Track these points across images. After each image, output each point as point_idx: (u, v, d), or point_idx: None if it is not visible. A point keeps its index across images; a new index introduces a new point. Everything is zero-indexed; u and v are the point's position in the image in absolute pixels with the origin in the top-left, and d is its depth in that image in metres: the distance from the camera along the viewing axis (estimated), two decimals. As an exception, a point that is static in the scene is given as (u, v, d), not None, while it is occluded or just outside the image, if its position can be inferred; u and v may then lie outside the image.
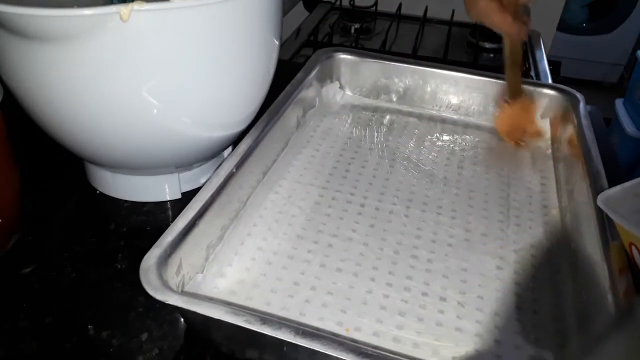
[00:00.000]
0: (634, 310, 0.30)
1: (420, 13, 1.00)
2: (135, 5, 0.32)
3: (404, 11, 1.02)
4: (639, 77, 1.28)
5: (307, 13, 1.07)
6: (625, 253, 0.33)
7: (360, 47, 0.91)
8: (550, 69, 0.83)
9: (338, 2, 1.06)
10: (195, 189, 0.48)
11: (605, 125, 0.62)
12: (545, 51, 0.90)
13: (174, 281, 0.33)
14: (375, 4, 1.02)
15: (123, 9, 0.31)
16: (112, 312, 0.36)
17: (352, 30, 0.96)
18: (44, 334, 0.35)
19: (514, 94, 0.54)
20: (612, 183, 0.41)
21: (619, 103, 1.33)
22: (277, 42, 0.44)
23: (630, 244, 0.32)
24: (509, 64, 0.52)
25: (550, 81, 0.79)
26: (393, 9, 1.02)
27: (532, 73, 0.81)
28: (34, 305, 0.37)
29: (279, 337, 0.28)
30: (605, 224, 0.36)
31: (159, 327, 0.35)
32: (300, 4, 1.13)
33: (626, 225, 0.31)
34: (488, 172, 0.50)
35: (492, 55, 0.89)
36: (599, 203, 0.33)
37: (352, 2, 1.04)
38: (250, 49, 0.40)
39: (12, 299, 0.37)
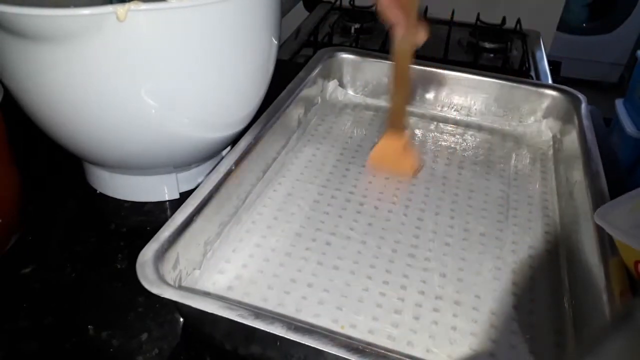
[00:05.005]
0: (631, 311, 0.30)
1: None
2: (132, 5, 0.32)
3: (404, 11, 1.02)
4: (639, 77, 1.28)
5: (307, 13, 1.07)
6: (625, 270, 0.32)
7: (360, 47, 0.91)
8: (550, 69, 0.83)
9: (338, 2, 1.06)
10: (194, 189, 0.48)
11: (605, 125, 0.62)
12: (545, 51, 0.90)
13: (170, 276, 0.33)
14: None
15: (119, 9, 0.31)
16: (112, 312, 0.36)
17: (352, 30, 0.96)
18: (44, 334, 0.35)
19: (395, 121, 0.49)
20: (612, 183, 0.41)
21: (619, 103, 1.33)
22: (275, 42, 0.44)
23: (637, 262, 0.31)
24: (396, 77, 0.46)
25: (550, 81, 0.79)
26: (393, 9, 1.01)
27: (532, 73, 0.82)
28: (34, 305, 0.37)
29: (271, 331, 0.28)
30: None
31: (159, 327, 0.35)
32: (300, 4, 1.13)
33: (633, 244, 0.30)
34: (489, 172, 0.50)
35: (492, 55, 0.89)
36: (596, 219, 0.32)
37: (352, 2, 1.04)
38: (248, 49, 0.40)
39: (12, 299, 0.37)
